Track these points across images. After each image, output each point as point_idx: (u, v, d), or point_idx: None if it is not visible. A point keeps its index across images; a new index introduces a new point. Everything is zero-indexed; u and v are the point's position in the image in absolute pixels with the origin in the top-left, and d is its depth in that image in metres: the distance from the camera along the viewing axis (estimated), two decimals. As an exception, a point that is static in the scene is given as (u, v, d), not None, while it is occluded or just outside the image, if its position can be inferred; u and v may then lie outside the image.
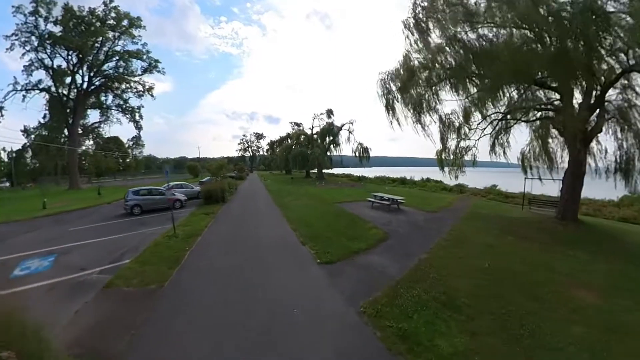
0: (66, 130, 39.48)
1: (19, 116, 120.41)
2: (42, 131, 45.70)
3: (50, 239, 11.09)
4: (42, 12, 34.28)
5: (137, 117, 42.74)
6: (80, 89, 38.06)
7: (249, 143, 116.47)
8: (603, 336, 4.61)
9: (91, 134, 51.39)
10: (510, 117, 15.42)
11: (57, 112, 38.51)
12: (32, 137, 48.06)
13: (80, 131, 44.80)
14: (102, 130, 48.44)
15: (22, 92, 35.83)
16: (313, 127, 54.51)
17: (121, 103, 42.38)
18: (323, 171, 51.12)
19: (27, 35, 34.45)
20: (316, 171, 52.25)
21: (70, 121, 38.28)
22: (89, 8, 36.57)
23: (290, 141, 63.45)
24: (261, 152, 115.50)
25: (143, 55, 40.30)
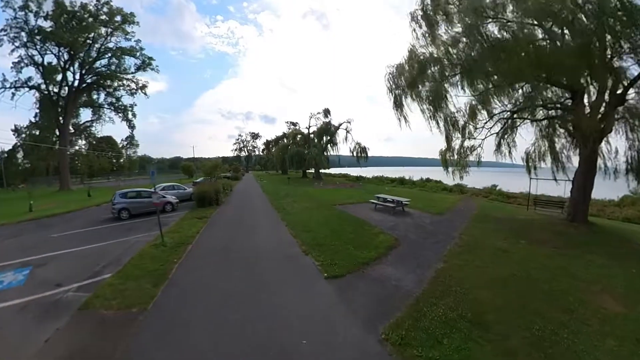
0: (57, 129, 38.16)
1: (10, 115, 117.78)
2: (33, 130, 44.58)
3: (29, 247, 10.17)
4: (32, 7, 32.80)
5: (130, 116, 41.43)
6: (71, 87, 36.67)
7: (245, 143, 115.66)
8: (636, 349, 4.43)
9: (83, 133, 50.28)
10: (517, 116, 15.20)
11: (48, 111, 37.17)
12: (23, 137, 46.94)
13: (71, 130, 43.60)
14: (95, 129, 47.41)
15: (12, 90, 34.47)
16: (310, 127, 53.89)
17: (114, 101, 41.06)
18: (320, 171, 50.38)
19: (17, 30, 32.97)
20: (313, 171, 51.49)
21: (61, 120, 36.99)
22: (81, 3, 35.09)
23: (286, 141, 62.71)
24: (257, 152, 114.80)
25: (136, 52, 38.97)
